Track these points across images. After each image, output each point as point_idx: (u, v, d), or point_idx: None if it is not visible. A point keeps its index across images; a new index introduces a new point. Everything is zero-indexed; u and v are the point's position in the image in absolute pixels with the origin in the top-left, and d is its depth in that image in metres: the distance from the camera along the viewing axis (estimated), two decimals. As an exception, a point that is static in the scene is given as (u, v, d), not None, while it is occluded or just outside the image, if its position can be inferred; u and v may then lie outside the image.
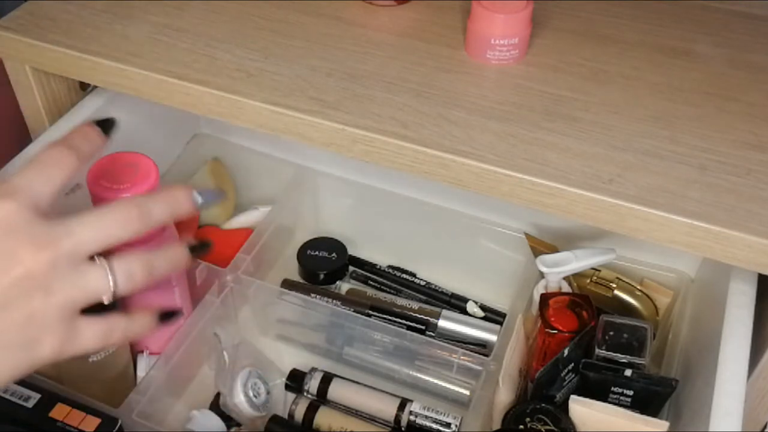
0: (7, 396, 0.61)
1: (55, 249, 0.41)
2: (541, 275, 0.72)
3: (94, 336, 0.44)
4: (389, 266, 0.89)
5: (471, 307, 0.84)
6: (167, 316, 0.50)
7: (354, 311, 0.81)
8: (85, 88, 0.79)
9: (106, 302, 0.44)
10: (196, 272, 0.76)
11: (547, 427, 0.62)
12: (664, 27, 0.70)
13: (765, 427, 0.66)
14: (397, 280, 0.88)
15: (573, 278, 0.77)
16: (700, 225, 0.52)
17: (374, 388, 0.77)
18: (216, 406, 0.75)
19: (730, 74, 0.65)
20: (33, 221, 0.41)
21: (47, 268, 0.41)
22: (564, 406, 0.63)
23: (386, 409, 0.75)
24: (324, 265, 0.85)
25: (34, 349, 0.42)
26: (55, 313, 0.42)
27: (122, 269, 0.44)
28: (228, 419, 0.74)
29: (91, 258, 0.43)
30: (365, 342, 0.79)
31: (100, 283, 0.43)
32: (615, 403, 0.63)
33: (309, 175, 0.89)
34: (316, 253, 0.87)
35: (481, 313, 0.84)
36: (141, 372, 0.72)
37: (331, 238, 0.88)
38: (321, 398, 0.77)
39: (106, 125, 0.49)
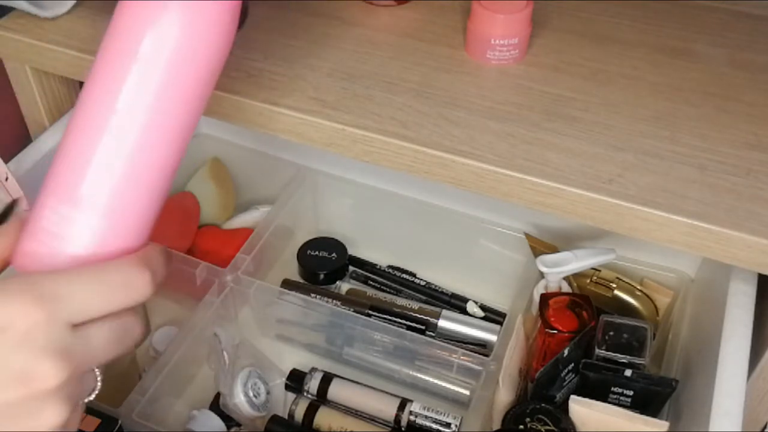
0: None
1: (71, 363, 0.37)
2: (541, 275, 0.72)
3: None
4: (389, 266, 0.89)
5: (471, 307, 0.84)
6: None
7: (354, 311, 0.81)
8: (85, 88, 0.79)
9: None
10: (196, 272, 0.76)
11: (547, 427, 0.62)
12: (664, 27, 0.70)
13: (765, 427, 0.66)
14: (397, 280, 0.88)
15: (573, 278, 0.77)
16: (700, 225, 0.52)
17: (374, 388, 0.77)
18: (216, 406, 0.75)
19: (730, 74, 0.65)
20: (58, 336, 0.37)
21: (59, 385, 0.37)
22: (564, 406, 0.63)
23: (386, 409, 0.75)
24: (324, 265, 0.85)
25: None
26: (64, 417, 0.38)
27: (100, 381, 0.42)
28: (228, 419, 0.74)
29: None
30: (365, 342, 0.79)
31: (89, 391, 0.41)
32: (615, 403, 0.63)
33: (309, 175, 0.89)
34: (316, 253, 0.87)
35: (481, 313, 0.84)
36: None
37: (331, 238, 0.88)
38: (321, 398, 0.77)
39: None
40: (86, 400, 0.41)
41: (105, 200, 0.40)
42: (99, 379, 0.41)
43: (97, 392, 0.41)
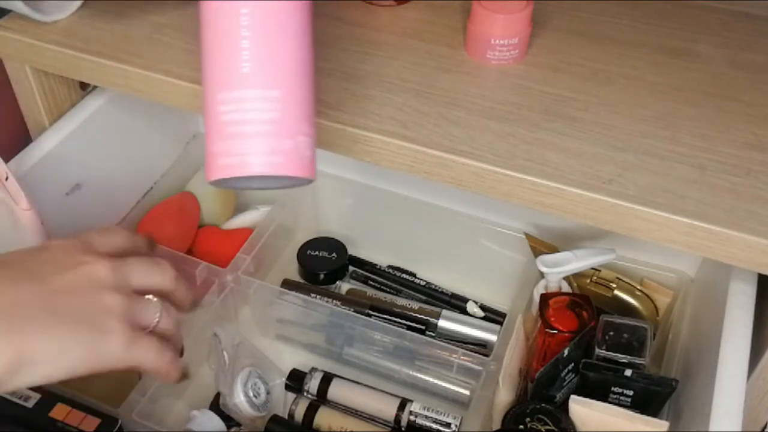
0: (7, 396, 0.61)
1: (119, 268, 0.48)
2: (541, 275, 0.72)
3: (149, 351, 0.48)
4: (389, 266, 0.89)
5: (471, 307, 0.84)
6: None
7: (354, 311, 0.81)
8: (85, 88, 0.79)
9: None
10: (196, 272, 0.76)
11: (547, 427, 0.62)
12: (664, 27, 0.70)
13: (765, 427, 0.66)
14: (397, 280, 0.88)
15: (573, 278, 0.77)
16: (700, 225, 0.52)
17: (374, 388, 0.77)
18: (216, 406, 0.75)
19: (730, 74, 0.65)
20: (83, 247, 0.49)
21: (113, 274, 0.47)
22: (564, 406, 0.63)
23: (386, 409, 0.75)
24: (324, 265, 0.85)
25: (103, 339, 0.45)
26: (120, 311, 0.46)
27: (166, 314, 0.50)
28: (228, 419, 0.74)
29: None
30: (365, 342, 0.79)
31: (150, 314, 0.49)
32: (615, 403, 0.63)
33: (309, 175, 0.89)
34: (316, 253, 0.87)
35: (481, 313, 0.84)
36: None
37: (331, 238, 0.88)
38: (321, 398, 0.77)
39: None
40: (152, 327, 0.49)
41: (267, 70, 0.45)
42: (159, 309, 0.49)
43: (158, 320, 0.49)
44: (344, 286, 0.87)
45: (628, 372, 0.62)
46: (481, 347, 0.80)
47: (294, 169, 0.46)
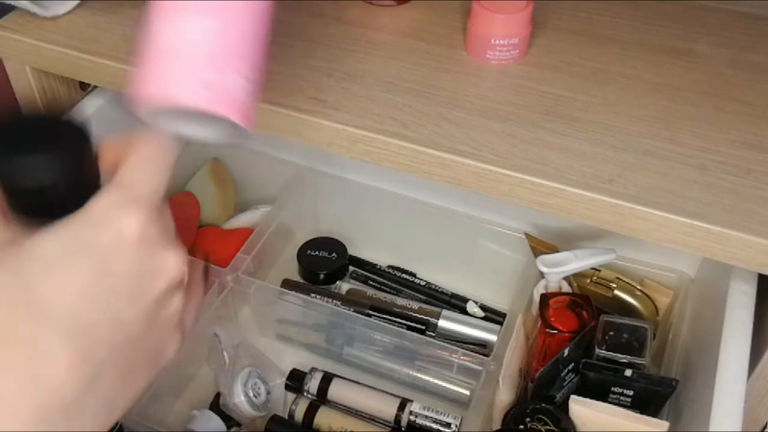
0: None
1: (186, 261, 0.42)
2: (541, 275, 0.72)
3: (190, 334, 0.45)
4: (389, 266, 0.89)
5: (471, 307, 0.84)
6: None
7: (354, 311, 0.81)
8: (85, 88, 0.79)
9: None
10: (196, 272, 0.76)
11: (547, 427, 0.62)
12: (664, 27, 0.70)
13: (765, 427, 0.66)
14: (397, 280, 0.88)
15: (573, 278, 0.77)
16: (700, 225, 0.52)
17: (374, 388, 0.77)
18: (216, 406, 0.75)
19: (730, 74, 0.65)
20: (158, 228, 0.42)
21: (183, 274, 0.42)
22: (564, 406, 0.63)
23: (386, 409, 0.75)
24: (324, 265, 0.85)
25: (164, 358, 0.43)
26: (179, 314, 0.43)
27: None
28: (228, 419, 0.74)
29: None
30: (365, 342, 0.79)
31: (178, 305, 0.45)
32: (615, 403, 0.63)
33: (309, 175, 0.90)
34: (316, 253, 0.87)
35: (481, 313, 0.84)
36: None
37: (331, 238, 0.88)
38: (321, 398, 0.77)
39: None
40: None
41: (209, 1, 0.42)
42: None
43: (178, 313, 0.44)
44: (344, 286, 0.87)
45: (628, 372, 0.62)
46: (481, 347, 0.80)
47: (222, 107, 0.42)
